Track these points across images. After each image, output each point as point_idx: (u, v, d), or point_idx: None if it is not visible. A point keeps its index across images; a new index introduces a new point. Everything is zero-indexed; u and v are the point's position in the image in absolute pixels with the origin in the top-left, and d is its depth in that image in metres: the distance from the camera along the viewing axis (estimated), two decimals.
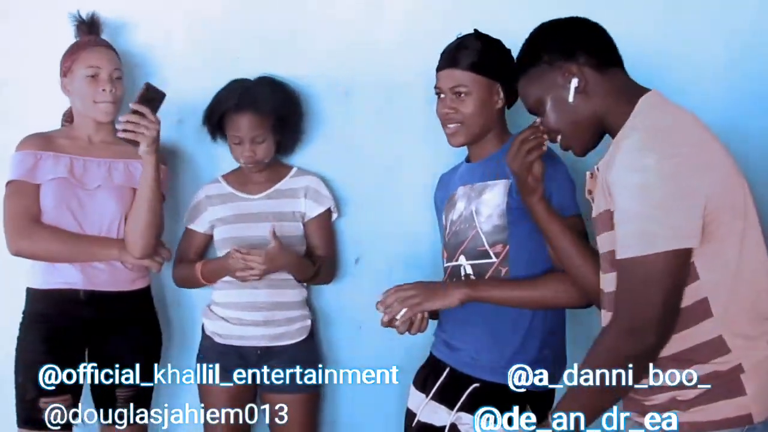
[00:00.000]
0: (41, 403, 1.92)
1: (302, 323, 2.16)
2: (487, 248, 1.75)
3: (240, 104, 2.06)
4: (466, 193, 1.83)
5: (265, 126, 2.07)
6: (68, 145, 2.04)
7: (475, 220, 1.78)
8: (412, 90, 2.17)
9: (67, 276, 2.00)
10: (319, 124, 2.24)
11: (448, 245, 1.85)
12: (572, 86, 1.41)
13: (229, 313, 2.13)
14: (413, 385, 1.89)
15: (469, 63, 1.77)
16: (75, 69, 2.02)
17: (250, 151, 2.08)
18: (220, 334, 2.14)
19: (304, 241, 2.17)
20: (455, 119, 1.79)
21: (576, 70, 1.42)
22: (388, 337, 2.20)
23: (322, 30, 2.22)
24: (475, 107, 1.77)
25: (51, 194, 1.98)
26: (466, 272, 1.78)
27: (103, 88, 2.00)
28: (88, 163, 2.04)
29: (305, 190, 2.16)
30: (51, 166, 1.99)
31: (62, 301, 2.00)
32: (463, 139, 1.81)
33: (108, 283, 2.03)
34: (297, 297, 2.17)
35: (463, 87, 1.77)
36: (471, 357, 1.76)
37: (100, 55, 2.04)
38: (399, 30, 2.18)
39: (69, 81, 2.04)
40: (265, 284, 2.08)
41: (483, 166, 1.83)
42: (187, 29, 2.25)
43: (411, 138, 2.20)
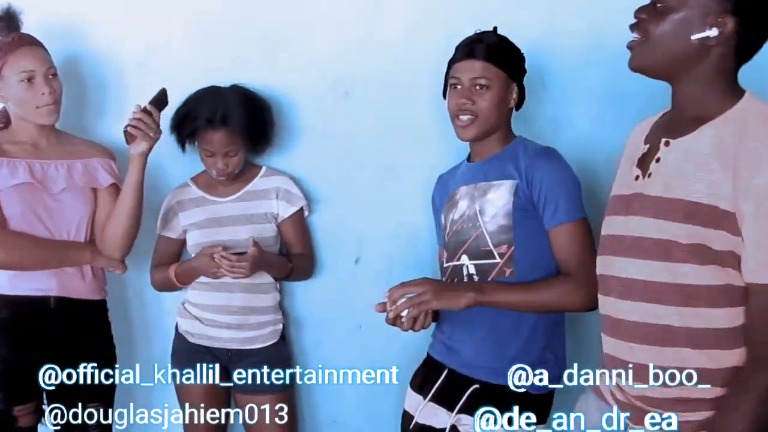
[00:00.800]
0: (15, 411, 1.90)
1: (274, 327, 2.18)
2: (491, 248, 1.73)
3: (213, 121, 2.04)
4: (468, 193, 1.82)
5: (238, 141, 2.07)
6: (16, 150, 1.98)
7: (479, 219, 1.76)
8: (412, 90, 2.17)
9: (38, 282, 1.96)
10: (319, 124, 2.24)
11: (449, 245, 1.84)
12: (707, 33, 1.28)
13: (202, 314, 2.14)
14: (410, 387, 1.89)
15: (493, 56, 1.76)
16: (6, 74, 1.93)
17: (223, 164, 2.08)
18: (192, 333, 2.16)
19: (278, 240, 2.19)
20: (470, 111, 1.77)
21: (727, 27, 1.28)
22: (387, 337, 2.20)
23: (322, 30, 2.22)
24: (493, 102, 1.76)
25: (16, 200, 1.93)
26: (468, 272, 1.77)
27: (42, 92, 1.93)
28: (45, 165, 1.99)
29: (276, 191, 2.16)
30: (9, 172, 1.94)
31: (30, 308, 1.96)
32: (475, 133, 1.79)
33: (78, 290, 2.01)
34: (270, 301, 2.18)
35: (484, 79, 1.76)
36: (471, 358, 1.76)
37: (32, 55, 1.94)
38: (399, 30, 2.18)
39: (0, 86, 1.95)
40: (240, 288, 2.10)
41: (486, 166, 1.82)
42: (187, 29, 2.25)
43: (411, 138, 2.20)
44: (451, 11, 2.15)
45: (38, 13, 2.10)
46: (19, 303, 1.96)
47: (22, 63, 1.92)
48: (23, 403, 1.93)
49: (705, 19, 1.28)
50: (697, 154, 1.29)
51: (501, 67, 1.77)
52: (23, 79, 1.92)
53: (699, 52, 1.31)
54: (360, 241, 2.26)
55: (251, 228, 2.11)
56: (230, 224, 2.12)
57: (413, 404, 1.84)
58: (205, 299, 2.14)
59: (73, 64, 2.25)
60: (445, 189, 1.94)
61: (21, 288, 1.95)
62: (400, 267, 2.22)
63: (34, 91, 1.93)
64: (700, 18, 1.29)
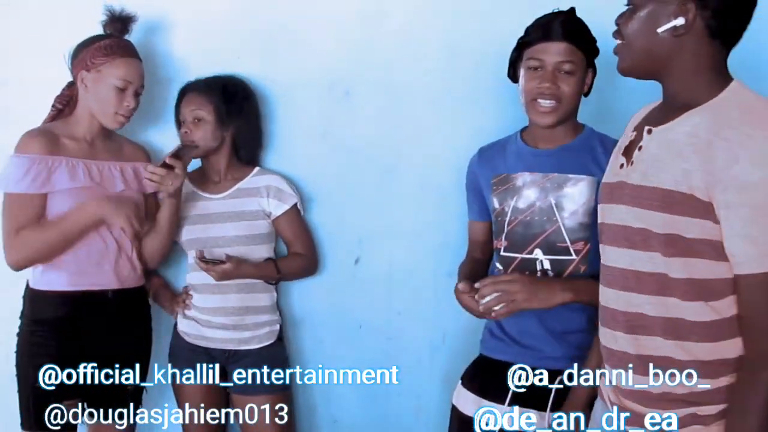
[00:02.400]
0: (64, 404, 1.90)
1: (270, 328, 2.17)
2: (568, 244, 1.70)
3: (188, 85, 2.13)
4: (536, 182, 1.75)
5: (205, 109, 2.09)
6: (74, 147, 1.98)
7: (556, 214, 1.72)
8: (412, 90, 2.17)
9: (97, 278, 1.99)
10: (319, 124, 2.25)
11: (513, 234, 1.77)
12: (672, 23, 1.28)
13: (199, 315, 2.15)
14: (465, 389, 1.81)
15: (581, 41, 1.69)
16: (105, 72, 1.97)
17: (186, 128, 2.09)
18: (188, 334, 2.16)
19: (272, 237, 2.19)
20: (554, 95, 1.68)
21: (690, 13, 1.27)
22: (387, 337, 2.21)
23: (322, 30, 2.22)
24: (576, 87, 1.70)
25: (72, 202, 1.93)
26: (543, 267, 1.73)
27: (127, 103, 1.98)
28: (101, 166, 2.02)
29: (267, 189, 2.16)
30: (68, 174, 1.94)
31: (90, 302, 1.99)
32: (556, 119, 1.70)
33: (132, 280, 2.06)
34: (267, 301, 2.18)
35: (569, 64, 1.67)
36: (551, 351, 1.72)
37: (135, 68, 2.00)
38: (399, 30, 2.18)
39: (92, 78, 1.97)
40: (235, 289, 2.11)
41: (558, 156, 1.75)
42: (187, 29, 2.25)
43: (411, 138, 2.20)
44: (451, 11, 2.15)
45: (40, 13, 2.10)
46: (80, 297, 1.98)
47: (124, 71, 1.98)
48: (71, 398, 1.94)
49: (667, 10, 1.28)
50: (674, 142, 1.28)
51: (586, 54, 1.70)
52: (118, 85, 1.97)
53: (672, 44, 1.30)
54: (360, 241, 2.26)
55: (241, 225, 2.11)
56: (220, 221, 2.13)
57: (470, 406, 1.77)
58: (202, 301, 2.14)
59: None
60: (491, 167, 1.85)
61: (80, 285, 1.98)
62: (400, 267, 2.22)
63: (120, 99, 1.98)
64: (663, 10, 1.29)
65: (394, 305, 2.24)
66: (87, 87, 1.99)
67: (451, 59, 2.15)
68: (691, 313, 1.28)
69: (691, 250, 1.25)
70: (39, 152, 1.92)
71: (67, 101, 2.06)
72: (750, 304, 1.24)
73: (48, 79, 2.09)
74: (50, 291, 1.97)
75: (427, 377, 2.21)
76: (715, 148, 1.21)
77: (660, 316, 1.30)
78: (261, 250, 2.15)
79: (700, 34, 1.29)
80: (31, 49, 2.24)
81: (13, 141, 1.99)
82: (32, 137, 1.93)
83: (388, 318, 2.24)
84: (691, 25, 1.28)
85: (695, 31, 1.28)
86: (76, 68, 2.00)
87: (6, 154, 1.95)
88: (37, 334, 1.96)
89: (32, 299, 2.00)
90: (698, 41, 1.29)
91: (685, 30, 1.28)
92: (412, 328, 2.22)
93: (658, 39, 1.30)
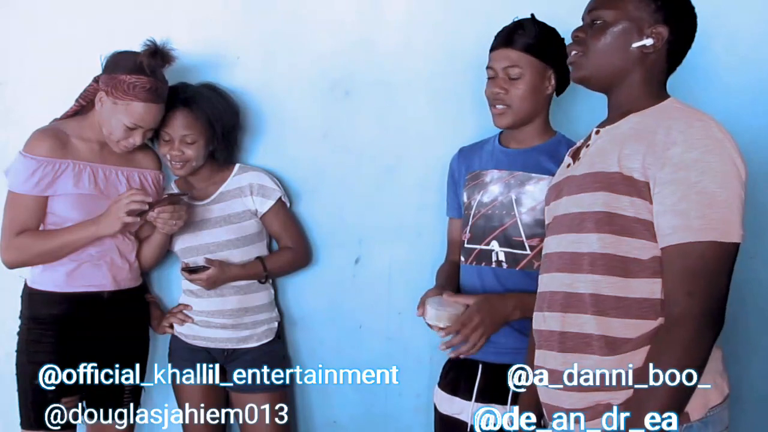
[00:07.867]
0: (63, 402, 1.92)
1: (268, 326, 2.18)
2: (523, 239, 1.77)
3: (174, 102, 2.02)
4: (503, 179, 1.83)
5: (197, 127, 2.04)
6: (83, 149, 1.98)
7: (515, 209, 1.79)
8: (412, 90, 2.17)
9: (94, 279, 2.01)
10: (319, 124, 2.25)
11: (475, 227, 1.85)
12: (644, 42, 1.41)
13: (196, 317, 2.15)
14: (441, 389, 1.87)
15: (525, 44, 1.77)
16: (120, 107, 1.91)
17: (178, 150, 2.04)
18: (185, 335, 2.17)
19: (263, 235, 2.19)
20: (504, 101, 1.79)
21: (661, 35, 1.41)
22: (387, 337, 2.21)
23: (322, 30, 2.22)
24: (526, 91, 1.78)
25: (75, 207, 1.95)
26: (498, 258, 1.80)
27: (133, 140, 1.96)
28: (108, 172, 2.02)
29: (250, 187, 2.15)
30: (74, 179, 1.95)
31: (86, 302, 2.00)
32: (509, 121, 1.81)
33: (127, 281, 2.08)
34: (264, 299, 2.18)
35: (516, 69, 1.77)
36: (506, 343, 1.76)
37: (152, 114, 1.94)
38: (399, 30, 2.18)
39: (108, 104, 1.93)
40: (232, 291, 2.12)
41: (524, 156, 1.83)
42: (187, 29, 2.25)
43: (411, 138, 2.20)
44: (451, 11, 2.15)
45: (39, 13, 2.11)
46: (76, 297, 2.00)
47: (138, 116, 1.92)
48: (70, 396, 1.96)
49: (641, 29, 1.41)
50: (619, 135, 1.40)
51: (535, 55, 1.77)
52: (128, 125, 1.93)
53: (636, 60, 1.43)
54: (360, 241, 2.26)
55: (231, 228, 2.11)
56: (210, 227, 2.12)
57: (449, 407, 1.83)
58: (199, 305, 2.15)
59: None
60: (467, 164, 1.94)
61: (76, 286, 1.99)
62: (400, 267, 2.22)
63: (126, 135, 1.95)
64: (636, 29, 1.41)
65: (394, 305, 2.24)
66: (102, 107, 1.95)
67: (451, 59, 2.15)
68: (616, 289, 1.34)
69: (623, 229, 1.33)
70: (47, 155, 1.92)
71: (87, 101, 2.04)
72: (671, 274, 1.30)
73: (48, 79, 2.09)
74: (47, 290, 1.99)
75: (427, 377, 2.21)
76: (656, 134, 1.32)
77: (588, 292, 1.37)
78: (254, 251, 2.15)
79: (660, 56, 1.44)
80: (31, 49, 2.24)
81: (13, 141, 2.01)
82: (43, 139, 1.93)
83: (388, 318, 2.25)
84: (659, 46, 1.42)
85: (659, 52, 1.43)
86: (101, 79, 1.96)
87: (6, 154, 1.97)
88: (35, 333, 1.98)
89: (30, 298, 2.02)
90: (657, 59, 1.44)
91: (653, 49, 1.42)
92: (412, 328, 2.21)
93: (628, 54, 1.43)
